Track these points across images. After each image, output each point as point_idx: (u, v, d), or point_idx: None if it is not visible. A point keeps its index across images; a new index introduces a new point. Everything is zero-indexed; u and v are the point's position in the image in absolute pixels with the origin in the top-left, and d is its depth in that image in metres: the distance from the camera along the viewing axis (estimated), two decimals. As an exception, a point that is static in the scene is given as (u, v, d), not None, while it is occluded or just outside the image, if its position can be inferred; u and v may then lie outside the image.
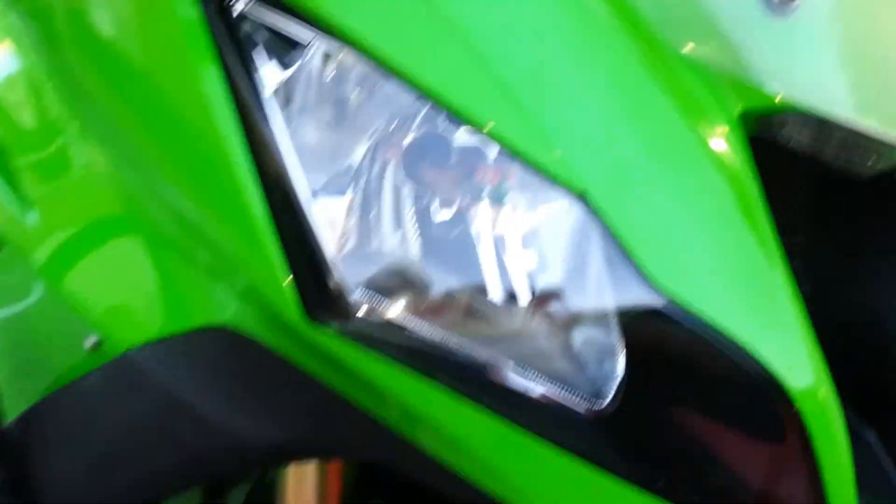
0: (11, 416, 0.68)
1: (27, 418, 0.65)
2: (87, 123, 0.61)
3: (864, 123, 0.46)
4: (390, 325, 0.46)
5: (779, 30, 0.45)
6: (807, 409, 0.44)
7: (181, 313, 0.57)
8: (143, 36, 0.55)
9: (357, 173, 0.47)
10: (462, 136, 0.46)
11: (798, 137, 0.48)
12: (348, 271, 0.46)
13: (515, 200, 0.46)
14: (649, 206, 0.45)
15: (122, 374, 0.59)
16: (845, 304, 0.56)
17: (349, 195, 0.47)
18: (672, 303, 0.44)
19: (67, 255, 0.63)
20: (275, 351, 0.51)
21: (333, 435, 0.52)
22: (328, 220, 0.46)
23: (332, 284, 0.46)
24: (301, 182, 0.46)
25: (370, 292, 0.46)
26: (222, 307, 0.54)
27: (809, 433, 0.45)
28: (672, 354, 0.44)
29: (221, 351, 0.54)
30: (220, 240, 0.50)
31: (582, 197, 0.44)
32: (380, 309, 0.46)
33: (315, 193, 0.46)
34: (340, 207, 0.46)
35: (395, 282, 0.46)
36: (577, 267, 0.45)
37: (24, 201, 0.66)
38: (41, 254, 0.64)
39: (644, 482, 0.45)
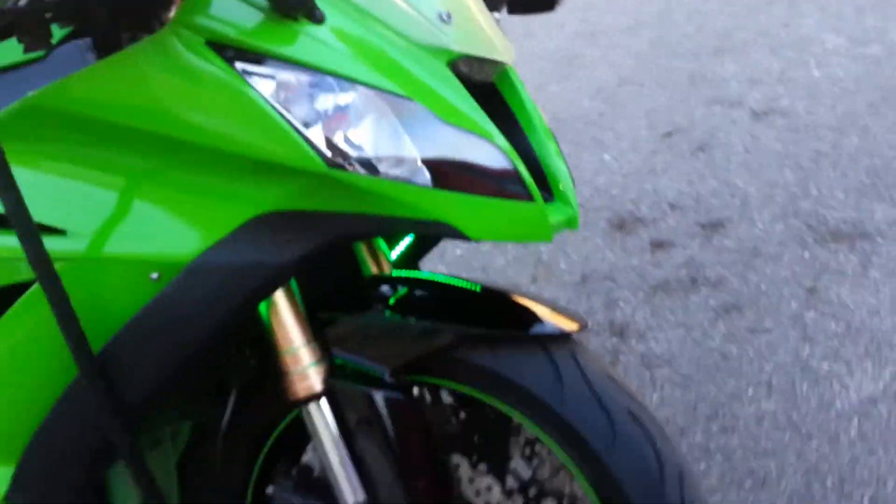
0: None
1: (113, 343, 0.89)
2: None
3: (475, 53, 0.98)
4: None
5: (440, 27, 0.95)
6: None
7: (224, 219, 0.88)
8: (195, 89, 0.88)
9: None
10: (338, 90, 0.87)
11: (462, 68, 0.98)
12: (331, 146, 0.86)
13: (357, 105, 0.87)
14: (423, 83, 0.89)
15: (193, 278, 0.88)
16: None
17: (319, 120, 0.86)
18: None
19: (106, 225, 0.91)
20: (304, 209, 0.88)
21: (344, 231, 0.90)
22: (315, 133, 0.86)
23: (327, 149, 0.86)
24: (294, 122, 0.85)
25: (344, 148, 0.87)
26: (258, 200, 0.88)
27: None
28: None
29: (273, 227, 0.88)
30: (258, 154, 0.86)
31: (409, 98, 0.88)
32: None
33: (305, 124, 0.86)
34: (319, 129, 0.86)
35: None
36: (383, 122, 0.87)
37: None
38: None
39: None
